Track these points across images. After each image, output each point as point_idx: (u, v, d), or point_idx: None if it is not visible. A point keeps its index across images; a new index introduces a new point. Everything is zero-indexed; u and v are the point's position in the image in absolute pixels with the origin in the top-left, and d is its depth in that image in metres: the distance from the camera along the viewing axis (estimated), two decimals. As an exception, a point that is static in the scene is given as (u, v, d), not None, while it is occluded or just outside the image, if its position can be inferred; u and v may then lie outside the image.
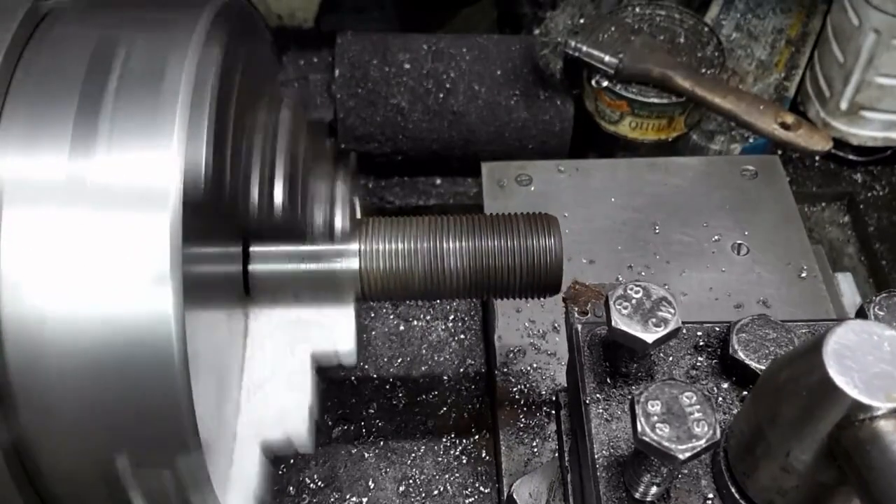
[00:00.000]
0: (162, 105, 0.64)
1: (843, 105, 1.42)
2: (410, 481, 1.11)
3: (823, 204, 1.48)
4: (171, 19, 0.72)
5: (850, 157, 1.48)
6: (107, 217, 0.62)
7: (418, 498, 1.10)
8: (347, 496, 1.10)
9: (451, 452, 1.13)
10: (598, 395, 0.71)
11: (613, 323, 0.68)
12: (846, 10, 1.37)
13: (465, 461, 1.12)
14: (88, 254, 0.61)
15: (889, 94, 1.38)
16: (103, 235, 0.61)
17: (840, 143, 1.44)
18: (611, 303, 0.68)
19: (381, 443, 1.14)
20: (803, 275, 1.15)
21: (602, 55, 1.33)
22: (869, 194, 1.46)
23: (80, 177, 0.62)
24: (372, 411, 1.18)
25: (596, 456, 0.68)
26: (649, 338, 0.67)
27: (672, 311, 0.68)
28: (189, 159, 0.64)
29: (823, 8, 1.52)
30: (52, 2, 0.73)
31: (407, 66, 1.39)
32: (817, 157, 1.49)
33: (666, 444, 0.58)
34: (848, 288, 1.32)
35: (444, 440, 1.14)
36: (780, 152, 1.34)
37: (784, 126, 1.26)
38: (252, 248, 0.82)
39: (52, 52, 0.68)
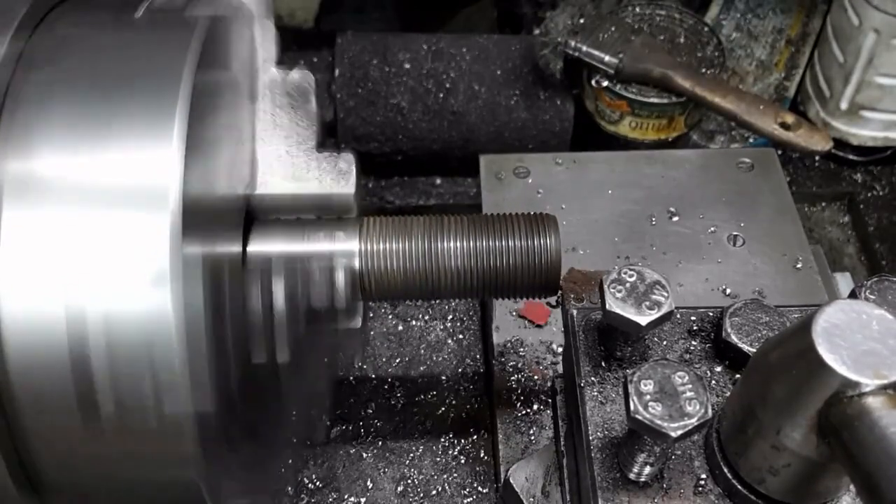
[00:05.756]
0: (162, 104, 0.64)
1: (843, 105, 1.42)
2: (409, 481, 1.11)
3: (823, 204, 1.48)
4: (170, 19, 0.72)
5: (850, 157, 1.48)
6: (107, 217, 0.62)
7: (416, 498, 1.09)
8: (346, 496, 1.10)
9: (450, 452, 1.13)
10: (592, 379, 0.72)
11: (607, 306, 0.68)
12: (846, 10, 1.37)
13: (463, 461, 1.12)
14: (89, 254, 0.61)
15: (889, 94, 1.38)
16: (103, 235, 0.61)
17: (840, 143, 1.43)
18: (605, 286, 0.69)
19: (380, 443, 1.14)
20: (798, 266, 1.15)
21: (602, 55, 1.33)
22: (869, 194, 1.46)
23: (80, 177, 0.62)
24: (370, 411, 1.18)
25: (590, 438, 0.68)
26: (643, 320, 0.68)
27: (665, 294, 0.69)
28: (189, 159, 0.64)
29: (823, 8, 1.52)
30: (52, 2, 0.73)
31: (407, 66, 1.39)
32: (817, 157, 1.49)
33: (658, 422, 0.59)
34: (847, 288, 1.32)
35: (443, 440, 1.14)
36: (780, 152, 1.34)
37: (784, 126, 1.26)
38: (250, 248, 0.82)
39: (52, 52, 0.68)
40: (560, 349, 1.08)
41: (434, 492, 1.10)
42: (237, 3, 0.82)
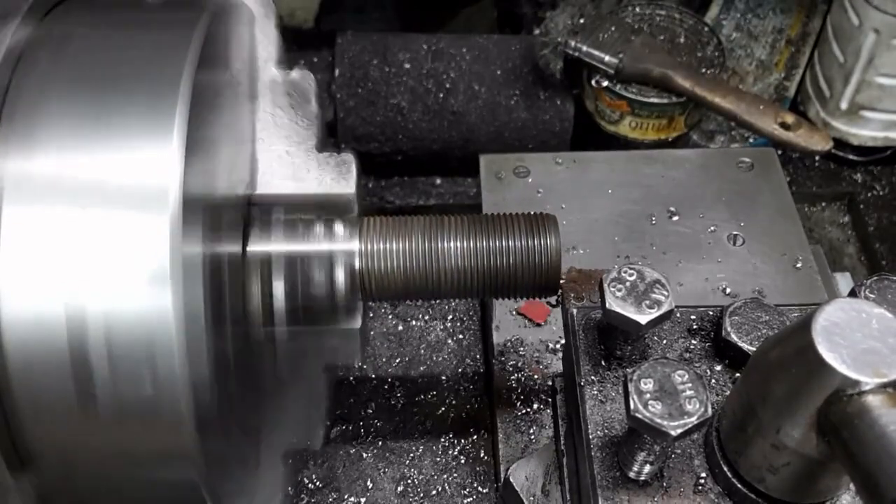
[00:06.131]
0: (162, 104, 0.64)
1: (843, 105, 1.42)
2: (409, 481, 1.11)
3: (823, 204, 1.48)
4: (170, 19, 0.72)
5: (850, 157, 1.48)
6: (107, 216, 0.62)
7: (416, 498, 1.09)
8: (346, 496, 1.10)
9: (450, 452, 1.13)
10: (592, 377, 0.72)
11: (607, 304, 0.69)
12: (846, 10, 1.37)
13: (463, 461, 1.12)
14: (89, 253, 0.61)
15: (889, 94, 1.38)
16: (104, 234, 0.61)
17: (840, 143, 1.43)
18: (605, 285, 0.69)
19: (380, 443, 1.14)
20: (798, 265, 1.15)
21: (602, 55, 1.33)
22: (869, 194, 1.46)
23: (80, 176, 0.62)
24: (370, 411, 1.18)
25: (590, 436, 0.69)
26: (643, 319, 0.68)
27: (665, 293, 0.69)
28: (189, 159, 0.64)
29: (823, 8, 1.52)
30: (53, 2, 0.73)
31: (407, 66, 1.39)
32: (817, 157, 1.49)
33: (658, 420, 0.59)
34: (847, 288, 1.32)
35: (443, 440, 1.14)
36: (780, 152, 1.34)
37: (784, 126, 1.27)
38: (249, 248, 0.82)
39: (52, 52, 0.68)
40: (560, 348, 1.09)
41: (434, 492, 1.10)
42: (237, 2, 0.82)
